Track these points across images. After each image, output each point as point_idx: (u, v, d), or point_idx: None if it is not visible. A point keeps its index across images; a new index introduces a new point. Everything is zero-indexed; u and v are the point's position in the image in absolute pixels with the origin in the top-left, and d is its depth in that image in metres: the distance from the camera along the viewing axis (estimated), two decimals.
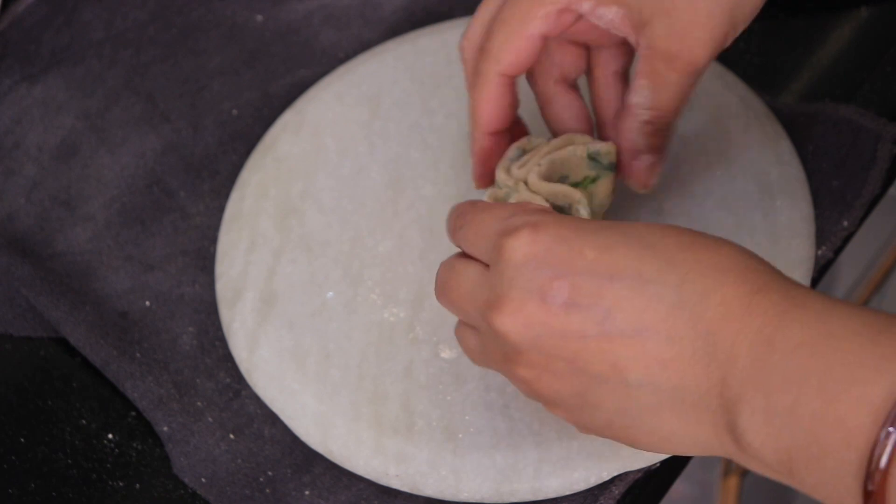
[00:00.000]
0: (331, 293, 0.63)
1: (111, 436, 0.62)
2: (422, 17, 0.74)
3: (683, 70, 0.54)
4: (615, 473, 0.56)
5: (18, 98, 0.75)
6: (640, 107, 0.55)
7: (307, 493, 0.58)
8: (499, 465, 0.57)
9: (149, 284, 0.66)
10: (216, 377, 0.63)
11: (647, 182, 0.58)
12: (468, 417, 0.58)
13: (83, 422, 0.63)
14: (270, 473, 0.59)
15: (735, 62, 0.68)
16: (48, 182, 0.71)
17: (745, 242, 0.60)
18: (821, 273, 0.61)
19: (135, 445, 0.61)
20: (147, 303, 0.65)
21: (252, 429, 0.61)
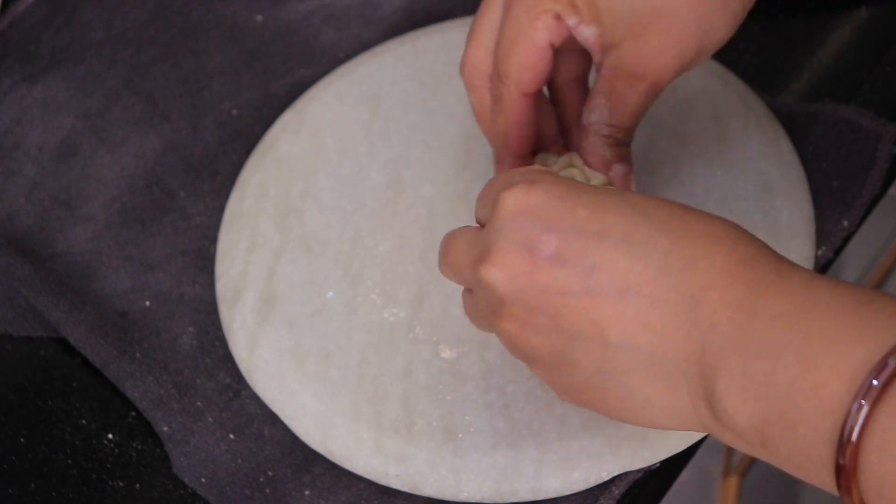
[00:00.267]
0: (331, 293, 0.63)
1: (111, 436, 0.62)
2: (422, 17, 0.74)
3: (645, 90, 0.54)
4: (615, 473, 0.56)
5: (18, 98, 0.75)
6: (598, 123, 0.56)
7: (307, 493, 0.58)
8: (499, 465, 0.57)
9: (149, 284, 0.66)
10: (216, 377, 0.63)
11: (628, 190, 0.58)
12: (468, 417, 0.58)
13: (83, 422, 0.63)
14: (270, 473, 0.59)
15: (735, 62, 0.68)
16: (48, 182, 0.71)
17: None
18: (821, 273, 0.61)
19: (135, 445, 0.62)
20: (147, 303, 0.65)
21: (252, 429, 0.61)
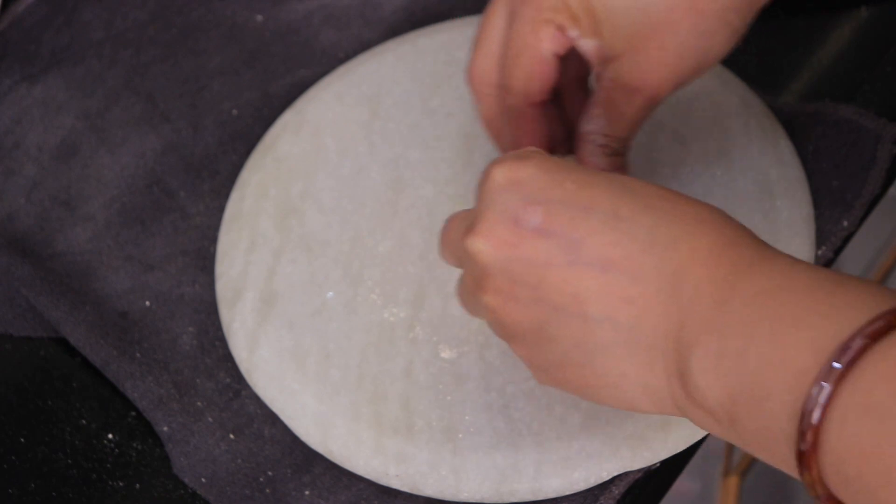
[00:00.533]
0: (331, 293, 0.63)
1: (111, 436, 0.62)
2: (422, 17, 0.74)
3: (642, 103, 0.55)
4: (615, 473, 0.56)
5: (18, 98, 0.75)
6: (594, 133, 0.56)
7: (307, 493, 0.58)
8: (499, 465, 0.57)
9: (149, 284, 0.66)
10: (216, 377, 0.63)
11: None
12: (468, 417, 0.58)
13: (83, 422, 0.63)
14: (270, 473, 0.59)
15: (735, 62, 0.68)
16: (48, 182, 0.71)
17: None
18: None
19: (135, 445, 0.61)
20: (147, 303, 0.65)
21: (252, 429, 0.61)
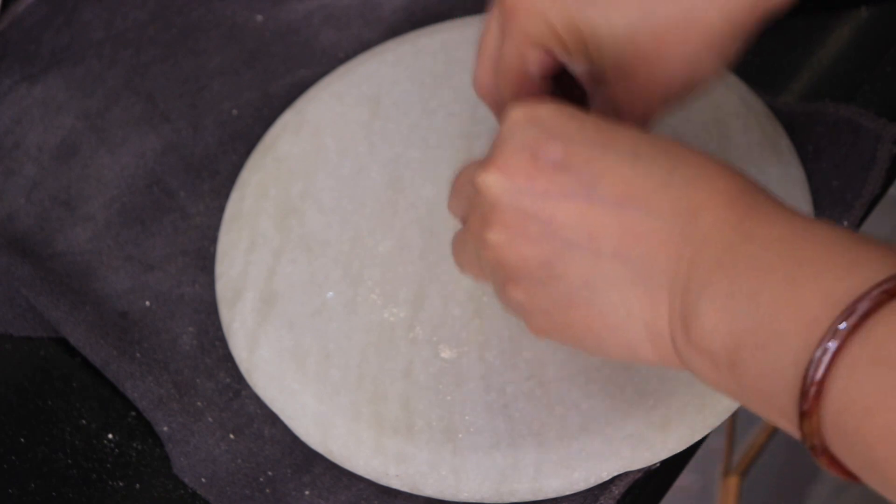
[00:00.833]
0: (331, 293, 0.63)
1: (111, 436, 0.62)
2: (422, 17, 0.74)
3: (634, 123, 0.54)
4: (615, 473, 0.56)
5: (18, 98, 0.75)
6: None
7: (307, 493, 0.58)
8: (499, 465, 0.57)
9: (149, 284, 0.66)
10: (216, 377, 0.63)
11: None
12: (468, 417, 0.58)
13: (83, 422, 0.62)
14: (270, 473, 0.59)
15: (735, 62, 0.68)
16: (48, 182, 0.71)
17: None
18: None
19: (135, 445, 0.61)
20: (147, 303, 0.65)
21: (252, 429, 0.61)
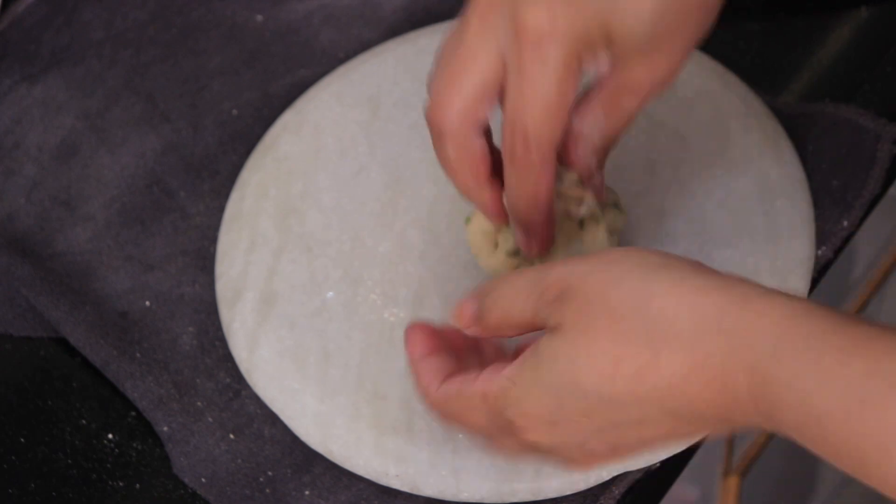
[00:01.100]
0: (331, 293, 0.63)
1: (111, 436, 0.62)
2: (422, 17, 0.74)
3: (645, 99, 0.53)
4: (615, 473, 0.56)
5: (18, 98, 0.75)
6: (592, 134, 0.55)
7: (307, 493, 0.58)
8: (499, 465, 0.57)
9: (149, 284, 0.66)
10: (216, 377, 0.63)
11: (602, 196, 0.57)
12: None
13: (83, 422, 0.62)
14: (270, 473, 0.59)
15: (735, 62, 0.68)
16: (48, 182, 0.71)
17: (745, 243, 0.61)
18: (821, 273, 0.61)
19: (135, 445, 0.61)
20: (147, 303, 0.65)
21: (252, 429, 0.61)
